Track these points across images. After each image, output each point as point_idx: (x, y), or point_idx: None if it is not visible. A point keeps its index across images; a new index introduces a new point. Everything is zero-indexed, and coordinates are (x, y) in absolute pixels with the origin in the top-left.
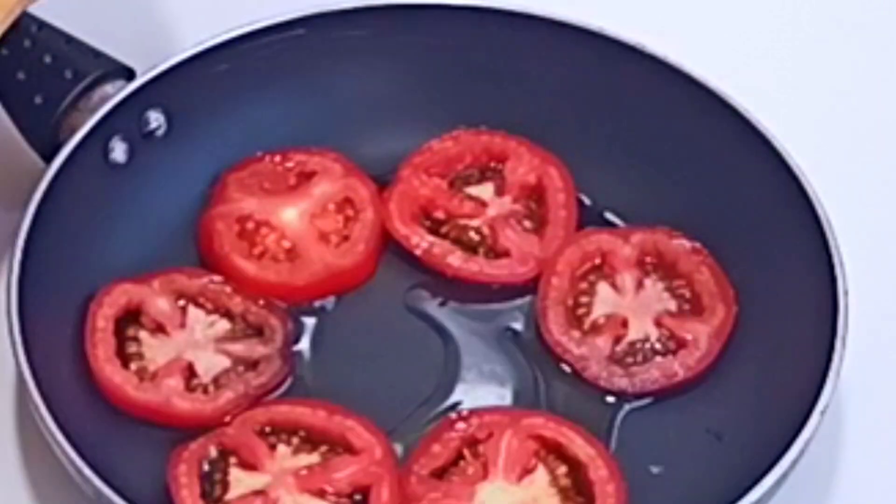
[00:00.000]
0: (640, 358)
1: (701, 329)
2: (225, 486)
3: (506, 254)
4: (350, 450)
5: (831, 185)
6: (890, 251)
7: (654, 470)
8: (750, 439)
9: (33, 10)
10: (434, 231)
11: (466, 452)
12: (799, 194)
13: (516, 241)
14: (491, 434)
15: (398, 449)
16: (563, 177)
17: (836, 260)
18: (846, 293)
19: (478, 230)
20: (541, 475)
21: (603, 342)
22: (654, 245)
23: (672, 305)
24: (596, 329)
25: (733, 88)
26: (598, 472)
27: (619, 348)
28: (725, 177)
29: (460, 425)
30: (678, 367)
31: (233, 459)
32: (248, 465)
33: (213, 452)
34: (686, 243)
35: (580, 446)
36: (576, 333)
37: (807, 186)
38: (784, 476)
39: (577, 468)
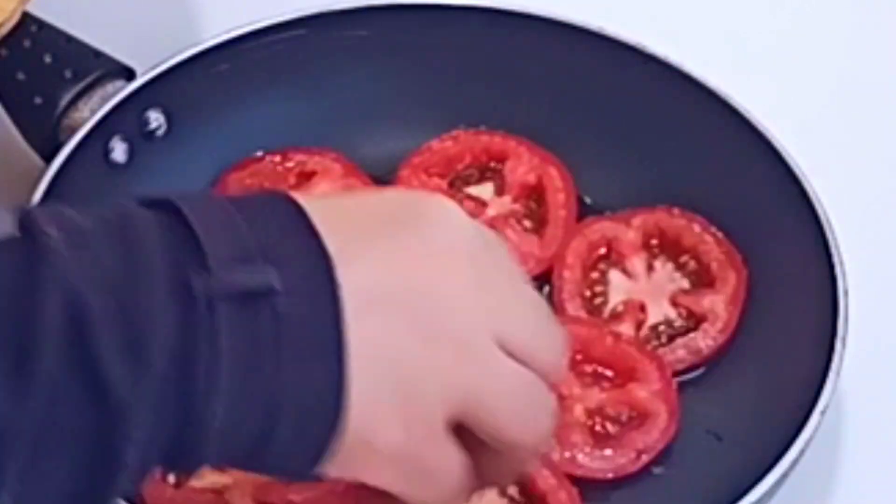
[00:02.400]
0: (664, 340)
1: (716, 299)
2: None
3: None
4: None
5: (831, 185)
6: (890, 251)
7: (655, 470)
8: (750, 439)
9: (33, 10)
10: None
11: None
12: (799, 194)
13: (516, 241)
14: None
15: None
16: (563, 177)
17: (836, 260)
18: (846, 293)
19: None
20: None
21: (626, 329)
22: (656, 224)
23: (685, 284)
24: (617, 317)
25: (733, 88)
26: (547, 481)
27: (642, 333)
28: (726, 177)
29: None
30: (702, 343)
31: None
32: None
33: None
34: (686, 218)
35: None
36: (598, 324)
37: (807, 186)
38: (784, 476)
39: (524, 478)
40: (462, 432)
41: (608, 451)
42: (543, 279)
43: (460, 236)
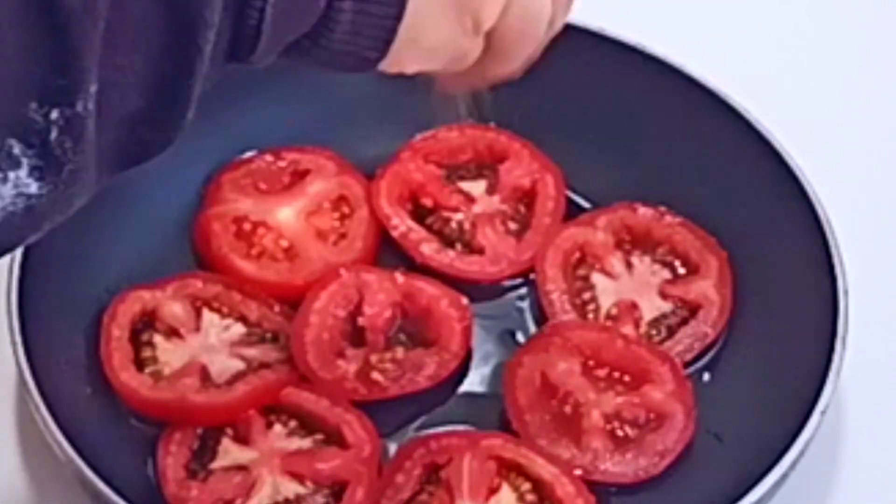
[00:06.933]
0: (664, 334)
1: (705, 285)
2: (214, 454)
3: (480, 251)
4: (341, 443)
5: (831, 185)
6: (890, 251)
7: None
8: (750, 439)
9: None
10: (418, 219)
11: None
12: (799, 194)
13: (493, 241)
14: (451, 459)
15: (394, 449)
16: (557, 186)
17: (836, 260)
18: (846, 293)
19: (459, 224)
20: (506, 493)
21: (628, 330)
22: (622, 221)
23: (666, 274)
24: (613, 319)
25: (733, 88)
26: (565, 488)
27: (641, 331)
28: (726, 177)
29: (419, 451)
30: (705, 328)
31: (228, 431)
32: (241, 439)
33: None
34: (649, 210)
35: (542, 465)
36: (608, 328)
37: (807, 186)
38: (784, 476)
39: (541, 485)
40: None
41: (629, 456)
42: (522, 283)
43: None
